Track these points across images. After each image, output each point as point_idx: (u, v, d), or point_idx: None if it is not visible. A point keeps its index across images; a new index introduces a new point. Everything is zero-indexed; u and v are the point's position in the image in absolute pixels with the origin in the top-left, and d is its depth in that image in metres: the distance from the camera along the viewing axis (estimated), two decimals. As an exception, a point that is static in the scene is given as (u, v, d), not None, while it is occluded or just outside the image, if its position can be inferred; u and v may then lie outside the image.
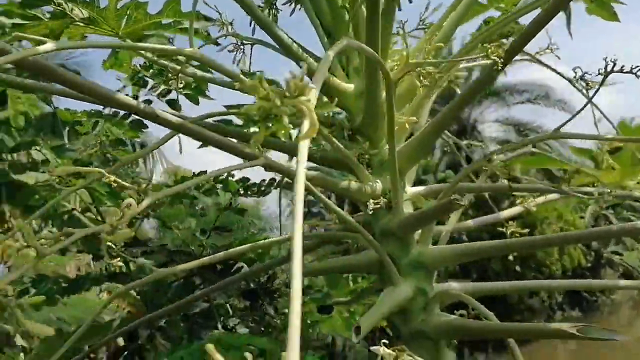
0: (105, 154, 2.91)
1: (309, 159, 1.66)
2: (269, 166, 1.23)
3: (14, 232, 1.18)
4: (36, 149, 2.41)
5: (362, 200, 1.56)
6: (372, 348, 1.28)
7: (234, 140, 1.52)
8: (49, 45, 0.92)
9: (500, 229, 2.00)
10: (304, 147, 0.59)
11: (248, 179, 2.57)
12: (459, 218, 1.78)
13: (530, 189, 1.79)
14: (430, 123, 1.55)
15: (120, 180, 1.16)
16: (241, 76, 1.63)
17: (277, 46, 1.62)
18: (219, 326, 2.41)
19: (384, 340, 1.25)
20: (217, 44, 2.04)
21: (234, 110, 1.77)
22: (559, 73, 1.79)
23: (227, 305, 2.61)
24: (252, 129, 1.87)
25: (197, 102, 2.62)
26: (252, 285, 2.66)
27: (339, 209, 1.42)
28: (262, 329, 2.58)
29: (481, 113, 25.06)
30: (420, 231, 1.57)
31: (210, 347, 0.46)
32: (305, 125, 0.58)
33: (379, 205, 1.48)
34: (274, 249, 2.69)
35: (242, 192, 2.63)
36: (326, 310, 2.80)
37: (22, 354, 3.00)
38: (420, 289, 1.49)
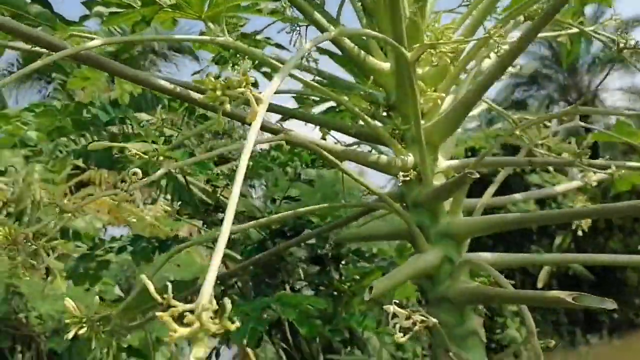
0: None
1: (346, 133, 1.79)
2: (289, 141, 1.38)
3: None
4: (129, 123, 2.74)
5: (392, 173, 1.66)
6: (384, 307, 1.41)
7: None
8: (97, 41, 1.14)
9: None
10: (255, 126, 0.74)
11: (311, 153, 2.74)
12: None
13: (549, 162, 1.78)
14: (460, 99, 1.60)
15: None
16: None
17: (318, 29, 1.75)
18: (287, 288, 2.63)
19: (395, 300, 1.37)
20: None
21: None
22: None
23: (296, 269, 2.82)
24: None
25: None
26: (319, 252, 2.85)
27: (365, 181, 1.54)
28: (328, 293, 2.76)
29: (603, 82, 23.28)
30: (451, 203, 1.65)
31: (143, 277, 0.63)
32: (252, 109, 0.73)
33: (408, 178, 1.58)
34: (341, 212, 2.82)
35: (310, 164, 2.81)
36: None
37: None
38: (447, 257, 1.58)
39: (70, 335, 1.54)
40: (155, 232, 9.98)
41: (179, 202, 3.25)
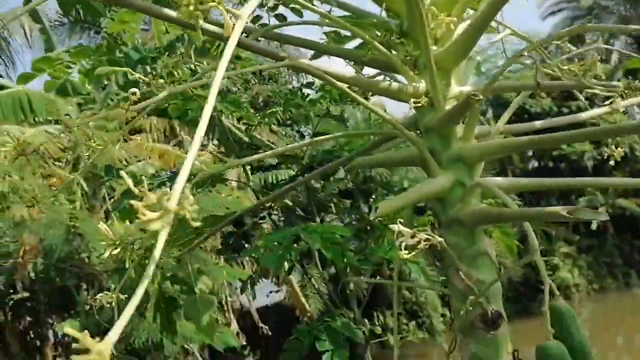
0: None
1: (360, 63, 1.81)
2: (293, 66, 1.42)
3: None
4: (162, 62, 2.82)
5: (404, 100, 1.68)
6: (390, 225, 1.47)
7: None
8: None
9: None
10: (231, 43, 0.79)
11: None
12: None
13: (557, 85, 1.74)
14: (471, 23, 1.58)
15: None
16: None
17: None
18: (317, 220, 2.73)
19: (400, 220, 1.43)
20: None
21: None
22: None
23: (327, 204, 2.91)
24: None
25: (300, 15, 2.82)
26: (350, 185, 2.93)
27: (376, 108, 1.57)
28: (359, 227, 2.86)
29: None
30: (463, 128, 1.66)
31: (123, 174, 0.71)
32: (227, 24, 0.78)
33: (420, 104, 1.60)
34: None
35: (338, 100, 2.84)
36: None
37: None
38: (459, 181, 1.61)
39: (106, 255, 1.69)
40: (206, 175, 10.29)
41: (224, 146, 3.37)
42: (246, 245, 2.77)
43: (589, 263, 23.00)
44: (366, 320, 2.74)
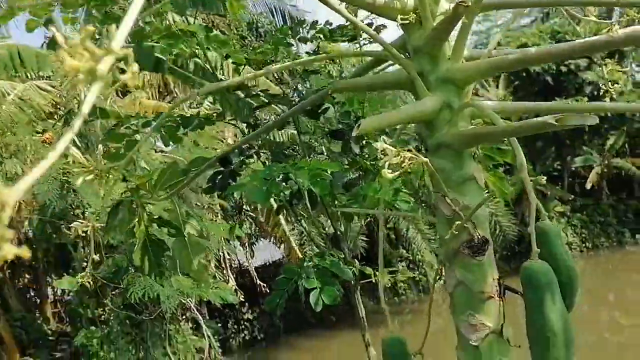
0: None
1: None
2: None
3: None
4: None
5: (391, 17, 1.60)
6: (374, 144, 1.42)
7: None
8: None
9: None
10: None
11: (330, 24, 2.66)
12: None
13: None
14: None
15: None
16: None
17: None
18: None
19: (384, 137, 1.37)
20: None
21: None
22: None
23: (316, 145, 2.85)
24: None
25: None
26: (340, 126, 2.86)
27: (370, 29, 1.50)
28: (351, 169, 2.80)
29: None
30: (452, 48, 1.59)
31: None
32: None
33: (407, 21, 1.52)
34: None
35: (328, 36, 2.74)
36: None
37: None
38: (447, 103, 1.55)
39: (78, 182, 1.65)
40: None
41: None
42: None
43: (583, 222, 23.19)
44: (356, 261, 2.73)
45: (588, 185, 24.08)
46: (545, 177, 1.68)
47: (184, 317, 11.77)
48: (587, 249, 22.66)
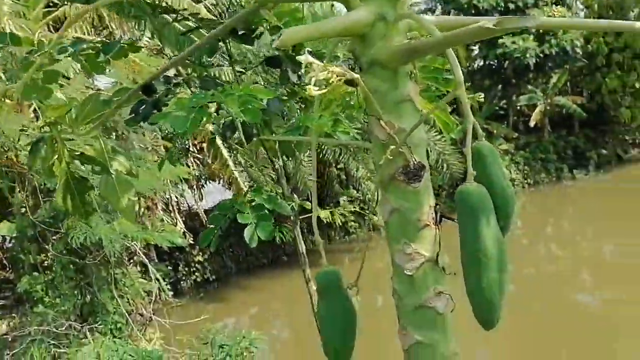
0: None
1: None
2: None
3: None
4: None
5: None
6: (297, 57, 1.27)
7: None
8: None
9: None
10: None
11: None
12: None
13: None
14: None
15: None
16: None
17: None
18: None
19: (308, 49, 1.23)
20: None
21: None
22: None
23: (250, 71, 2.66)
24: None
25: None
26: (276, 52, 2.68)
27: None
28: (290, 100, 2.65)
29: None
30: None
31: None
32: None
33: None
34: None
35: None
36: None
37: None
38: (381, 15, 1.41)
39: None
40: (138, 68, 9.68)
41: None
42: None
43: (525, 159, 23.99)
44: (295, 195, 2.62)
45: (532, 123, 24.78)
46: (482, 95, 1.58)
47: (131, 261, 11.59)
48: (528, 185, 23.57)
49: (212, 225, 2.31)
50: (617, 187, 22.64)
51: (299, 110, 3.05)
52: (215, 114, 2.37)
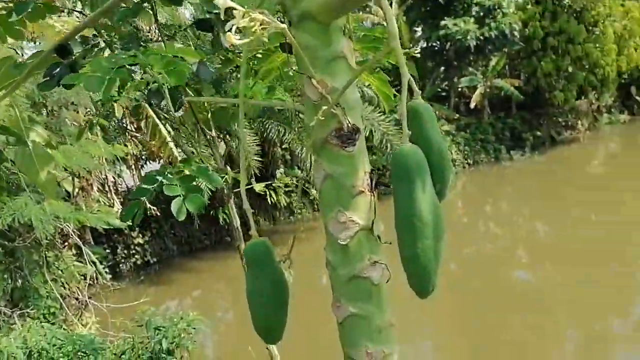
0: None
1: None
2: None
3: None
4: None
5: None
6: (215, 1, 1.15)
7: None
8: None
9: None
10: None
11: None
12: None
13: None
14: None
15: None
16: None
17: None
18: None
19: (228, -8, 1.11)
20: None
21: None
22: None
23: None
24: None
25: None
26: (207, 15, 2.52)
27: None
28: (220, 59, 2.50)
29: None
30: None
31: None
32: None
33: None
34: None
35: None
36: None
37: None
38: (312, -37, 1.30)
39: None
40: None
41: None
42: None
43: (466, 140, 24.58)
44: (228, 167, 2.49)
45: (472, 105, 25.37)
46: (418, 50, 1.49)
47: (65, 243, 11.10)
48: (468, 165, 24.20)
49: (135, 199, 2.16)
50: (551, 169, 23.60)
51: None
52: (140, 79, 2.20)
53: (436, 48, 25.24)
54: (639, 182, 19.66)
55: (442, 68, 25.94)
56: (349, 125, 1.38)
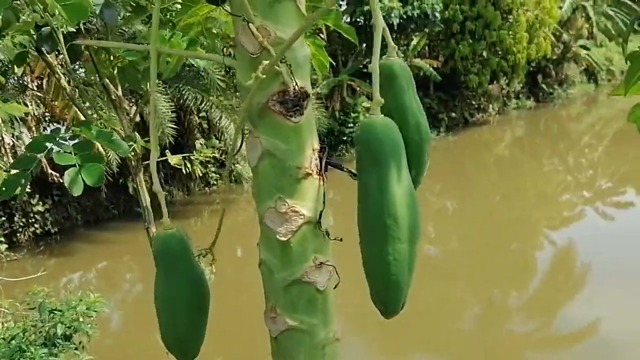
0: None
1: None
2: None
3: None
4: None
5: None
6: None
7: None
8: None
9: None
10: None
11: None
12: None
13: None
14: None
15: None
16: None
17: None
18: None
19: None
20: None
21: None
22: None
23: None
24: None
25: None
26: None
27: None
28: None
29: None
30: None
31: None
32: None
33: None
34: None
35: None
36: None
37: None
38: None
39: None
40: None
41: None
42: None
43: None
44: (136, 134, 2.10)
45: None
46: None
47: (-51, 211, 9.96)
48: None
49: (19, 170, 1.73)
50: (462, 149, 24.48)
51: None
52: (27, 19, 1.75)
53: (360, 24, 25.16)
54: (540, 164, 20.86)
55: (365, 44, 25.96)
56: (297, 87, 1.07)
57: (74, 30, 1.87)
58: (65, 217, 15.20)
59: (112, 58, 2.04)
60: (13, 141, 14.49)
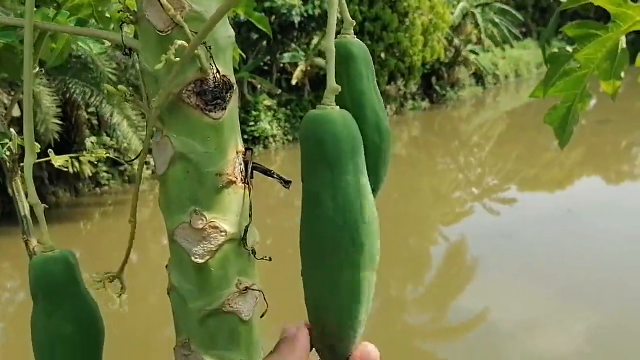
0: None
1: None
2: None
3: None
4: None
5: None
6: None
7: None
8: None
9: None
10: None
11: None
12: None
13: None
14: None
15: None
16: None
17: None
18: None
19: None
20: None
21: None
22: None
23: None
24: None
25: None
26: None
27: None
28: None
29: None
30: None
31: None
32: None
33: None
34: None
35: None
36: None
37: None
38: None
39: None
40: None
41: None
42: None
43: (287, 116, 24.81)
44: (12, 131, 1.77)
45: (293, 82, 25.64)
46: None
47: None
48: (288, 141, 24.51)
49: None
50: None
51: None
52: None
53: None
54: (435, 163, 21.83)
55: (265, 41, 25.74)
56: (218, 76, 0.87)
57: None
58: None
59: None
60: None
